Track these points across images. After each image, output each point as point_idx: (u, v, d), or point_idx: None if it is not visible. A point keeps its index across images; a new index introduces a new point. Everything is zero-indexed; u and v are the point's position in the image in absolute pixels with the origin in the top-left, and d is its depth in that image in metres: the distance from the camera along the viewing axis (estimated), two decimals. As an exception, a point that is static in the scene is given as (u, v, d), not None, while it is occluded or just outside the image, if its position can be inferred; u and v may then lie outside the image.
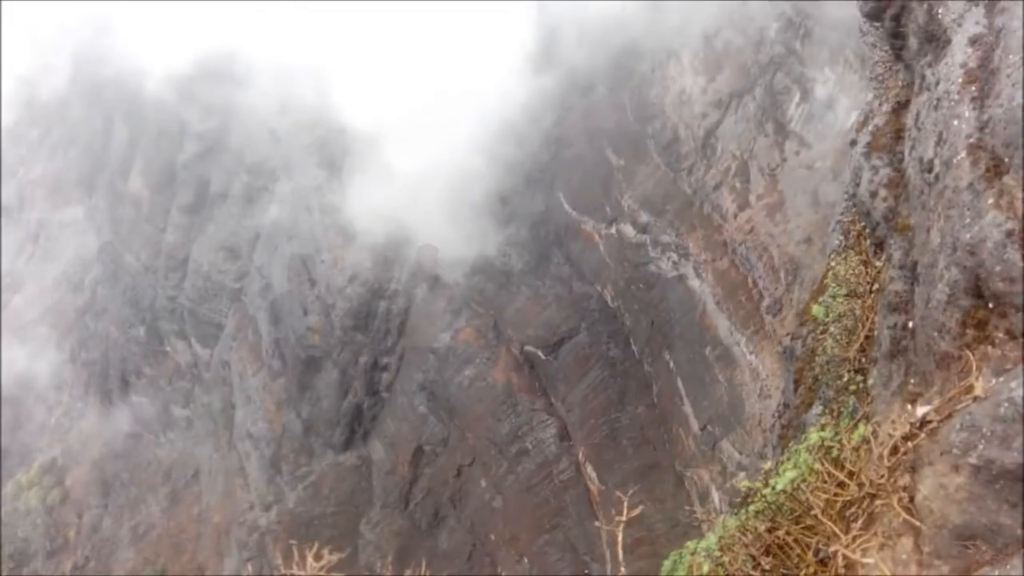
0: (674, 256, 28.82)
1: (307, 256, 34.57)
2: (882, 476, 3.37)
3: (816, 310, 6.17)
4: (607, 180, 31.13)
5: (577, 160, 32.59)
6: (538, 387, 29.92)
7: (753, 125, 28.70)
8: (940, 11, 4.71)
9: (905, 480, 3.30)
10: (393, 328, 32.45)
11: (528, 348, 30.26)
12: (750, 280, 26.50)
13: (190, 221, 40.99)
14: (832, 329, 5.70)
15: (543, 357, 30.01)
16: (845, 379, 5.09)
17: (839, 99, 25.80)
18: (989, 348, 3.46)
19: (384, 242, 33.18)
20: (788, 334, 19.94)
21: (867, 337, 5.26)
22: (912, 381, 4.02)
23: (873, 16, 5.54)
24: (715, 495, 24.11)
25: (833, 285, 5.75)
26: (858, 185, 5.45)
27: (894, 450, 3.42)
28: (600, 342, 29.99)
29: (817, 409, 7.13)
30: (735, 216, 27.61)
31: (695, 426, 26.46)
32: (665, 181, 29.66)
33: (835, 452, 4.10)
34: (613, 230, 30.68)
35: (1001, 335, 3.40)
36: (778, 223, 26.59)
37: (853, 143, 5.78)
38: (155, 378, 43.13)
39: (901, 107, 5.58)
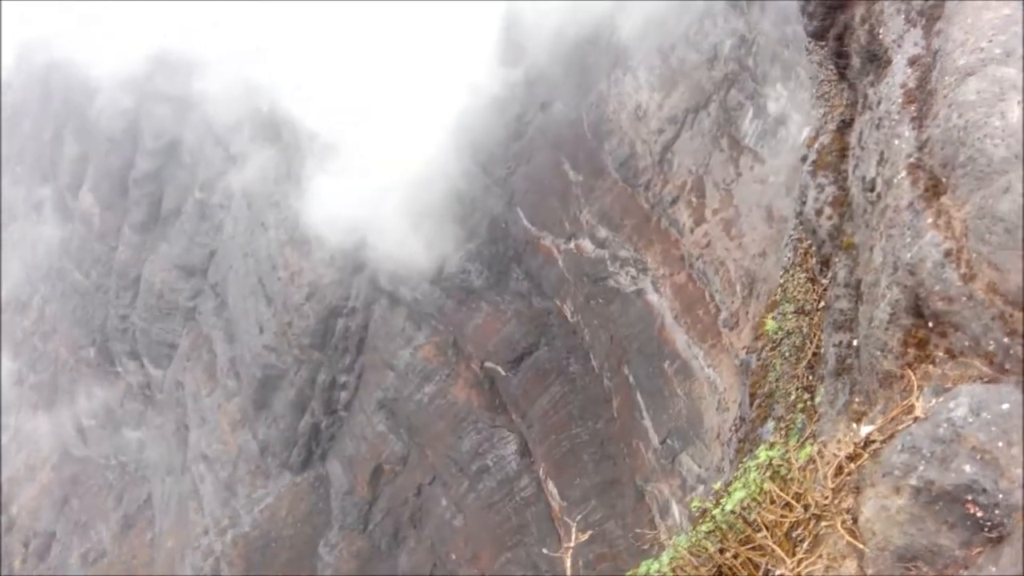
0: (632, 271, 29.00)
1: (263, 273, 34.05)
2: (827, 497, 3.35)
3: (769, 325, 6.20)
4: (565, 195, 31.27)
5: (536, 175, 32.68)
6: (498, 403, 29.79)
7: (708, 141, 29.08)
8: (881, 32, 4.77)
9: (849, 502, 3.28)
10: (351, 346, 32.08)
11: (488, 364, 30.14)
12: (707, 294, 26.77)
13: (142, 239, 40.15)
14: (782, 346, 5.73)
15: (503, 373, 29.90)
16: (793, 397, 5.11)
17: (791, 115, 26.26)
18: (930, 367, 3.47)
19: (343, 257, 32.83)
20: (744, 347, 20.15)
21: (815, 354, 5.29)
22: (857, 400, 4.03)
23: (817, 35, 5.61)
24: (675, 509, 24.17)
25: (783, 302, 5.79)
26: (804, 203, 5.50)
27: (839, 471, 3.40)
28: (560, 357, 30.01)
29: (770, 425, 7.16)
30: (692, 231, 27.90)
31: (655, 440, 26.55)
32: (623, 196, 29.88)
33: (783, 471, 4.08)
34: (572, 245, 30.78)
35: (941, 354, 3.42)
36: (734, 237, 26.93)
37: (804, 159, 5.84)
38: (106, 400, 42.03)
39: (846, 125, 5.64)
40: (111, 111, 41.40)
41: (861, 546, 3.03)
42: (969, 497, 2.90)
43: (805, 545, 3.33)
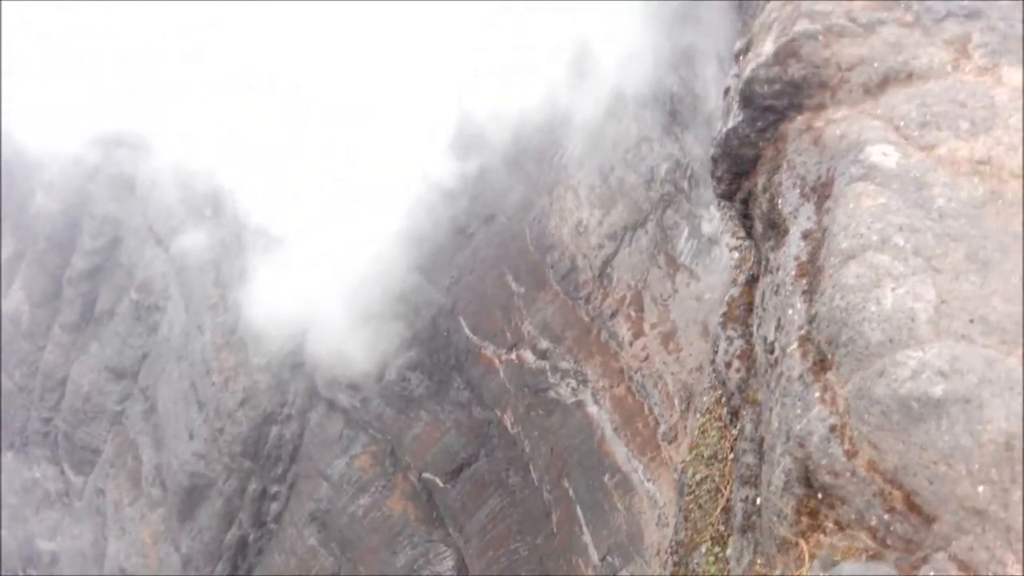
0: (573, 382, 29.22)
1: (197, 377, 33.21)
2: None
3: (688, 474, 6.34)
4: (508, 306, 31.66)
5: (479, 286, 33.11)
6: (435, 517, 29.05)
7: (646, 257, 30.02)
8: (780, 202, 5.16)
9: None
10: (285, 454, 31.16)
11: (426, 475, 29.55)
12: (646, 407, 27.03)
13: (72, 339, 38.96)
14: (699, 491, 5.85)
15: (441, 485, 29.32)
16: (704, 550, 5.19)
17: (723, 236, 27.41)
18: (822, 536, 3.62)
19: (280, 361, 32.30)
20: (682, 461, 20.32)
21: (727, 506, 5.41)
22: (759, 561, 4.15)
23: (725, 197, 6.01)
24: (614, 631, 23.59)
25: (700, 446, 5.95)
26: (716, 353, 5.75)
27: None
28: (499, 469, 29.64)
29: (696, 559, 7.19)
30: (631, 344, 28.38)
31: (595, 556, 26.11)
32: (564, 308, 30.39)
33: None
34: (513, 355, 30.95)
35: (831, 525, 3.58)
36: (671, 351, 27.46)
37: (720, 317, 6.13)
38: (19, 508, 39.63)
39: (754, 280, 5.98)
40: (51, 208, 40.91)
41: None
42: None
43: None
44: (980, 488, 3.17)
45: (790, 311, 4.36)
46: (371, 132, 34.23)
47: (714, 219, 27.56)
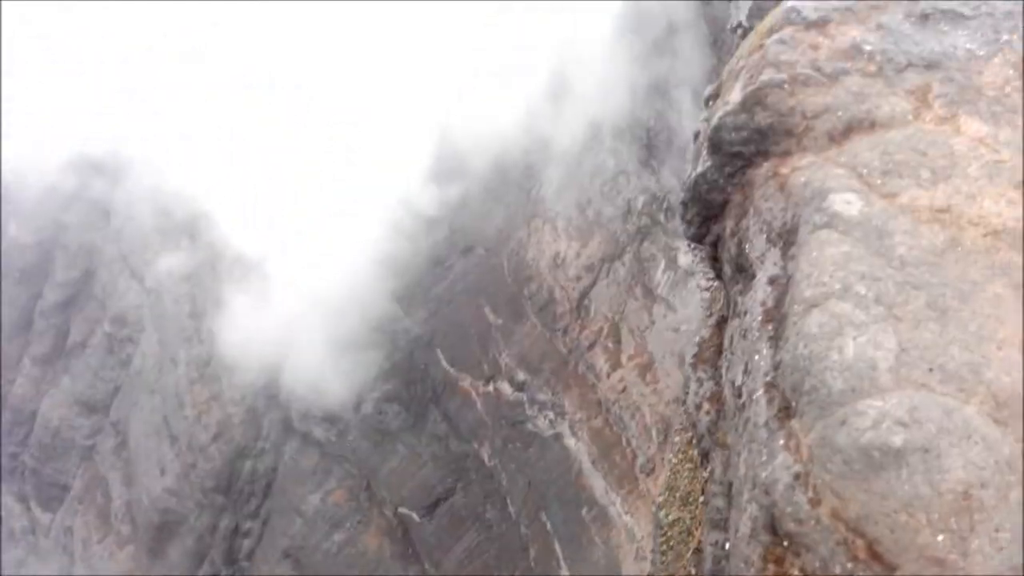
0: (550, 414, 29.18)
1: (170, 411, 32.75)
2: None
3: (662, 514, 6.34)
4: (485, 338, 31.64)
5: (456, 318, 33.09)
6: (411, 552, 28.71)
7: (623, 289, 30.18)
8: (747, 247, 5.23)
9: None
10: (258, 489, 30.71)
11: (402, 510, 29.24)
12: (624, 439, 27.00)
13: (43, 372, 38.33)
14: (670, 532, 5.86)
15: (417, 519, 29.02)
16: (675, 595, 5.21)
17: (699, 268, 27.55)
18: (789, 584, 3.64)
19: (255, 394, 31.93)
20: (660, 494, 20.26)
21: (697, 549, 5.42)
22: (728, 608, 4.15)
23: (695, 240, 6.09)
24: (592, 668, 23.32)
25: (672, 487, 5.97)
26: (687, 394, 5.78)
27: None
28: (476, 503, 29.41)
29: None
30: (608, 375, 28.43)
31: (572, 592, 25.91)
32: (541, 340, 30.42)
33: None
34: (491, 388, 30.87)
35: (797, 573, 3.60)
36: (649, 383, 27.53)
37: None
38: (-17, 547, 38.64)
39: (724, 322, 6.03)
40: (24, 240, 40.45)
41: None
42: None
43: None
44: (940, 537, 3.21)
45: (756, 357, 4.41)
46: (351, 158, 34.31)
47: (689, 251, 27.81)
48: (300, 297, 32.28)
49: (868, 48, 5.22)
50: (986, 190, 4.50)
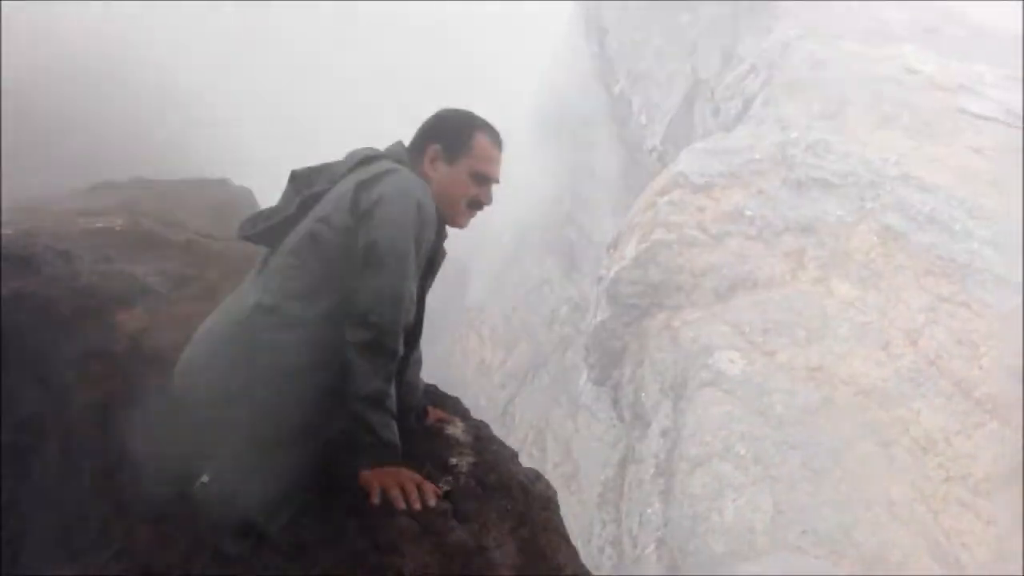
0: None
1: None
2: None
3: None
4: (409, 447, 31.08)
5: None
6: None
7: (548, 397, 30.22)
8: (643, 396, 5.49)
9: None
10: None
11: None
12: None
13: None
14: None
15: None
16: None
17: (601, 410, 28.05)
18: None
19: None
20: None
21: None
22: None
23: (598, 383, 6.33)
24: None
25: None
26: (591, 535, 5.89)
27: None
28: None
29: None
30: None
31: None
32: (466, 449, 30.10)
33: None
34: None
35: None
36: (573, 492, 27.33)
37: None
38: None
39: (626, 461, 6.22)
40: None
41: None
42: None
43: None
44: None
45: (648, 511, 4.59)
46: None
47: (594, 391, 28.29)
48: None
49: (749, 213, 5.70)
50: (855, 351, 4.89)
